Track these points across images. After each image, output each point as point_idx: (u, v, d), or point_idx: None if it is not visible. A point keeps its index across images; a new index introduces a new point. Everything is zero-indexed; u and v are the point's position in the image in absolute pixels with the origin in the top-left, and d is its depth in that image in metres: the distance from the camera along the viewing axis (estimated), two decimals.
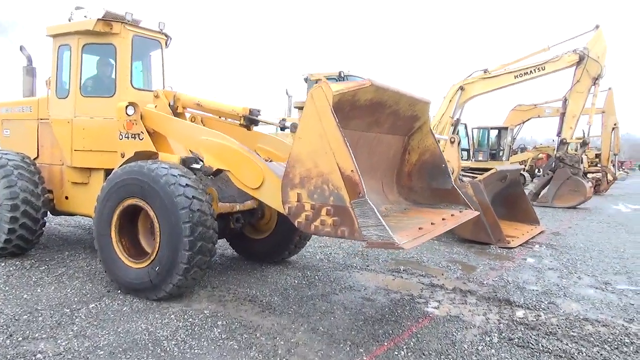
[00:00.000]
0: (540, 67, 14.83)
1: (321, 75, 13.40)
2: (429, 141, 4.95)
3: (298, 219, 3.71)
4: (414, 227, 3.94)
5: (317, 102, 3.49)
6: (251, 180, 4.45)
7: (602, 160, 21.31)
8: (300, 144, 3.64)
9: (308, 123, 3.58)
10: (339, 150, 3.42)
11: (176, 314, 4.38)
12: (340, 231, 3.51)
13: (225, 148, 4.71)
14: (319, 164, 3.55)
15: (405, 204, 5.07)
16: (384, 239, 3.30)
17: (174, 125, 5.38)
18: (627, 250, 8.15)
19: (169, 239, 4.43)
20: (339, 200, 3.48)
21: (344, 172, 3.42)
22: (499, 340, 4.04)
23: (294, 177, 3.68)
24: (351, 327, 4.26)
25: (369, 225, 3.36)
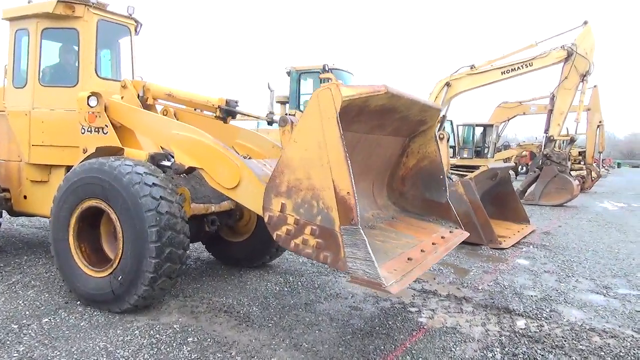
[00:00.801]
0: (528, 63, 14.54)
1: (304, 69, 12.95)
2: (431, 148, 4.50)
3: (277, 231, 3.26)
4: (402, 256, 3.52)
5: (322, 105, 2.99)
6: (227, 180, 3.98)
7: (586, 157, 21.22)
8: (293, 149, 3.16)
9: (307, 127, 3.09)
10: (338, 166, 2.96)
11: (141, 329, 3.89)
12: (323, 256, 3.07)
13: (198, 144, 4.22)
14: (312, 176, 3.09)
15: (394, 210, 4.65)
16: (370, 277, 2.87)
17: (141, 118, 4.87)
18: (621, 251, 7.86)
19: (134, 245, 3.93)
20: (328, 222, 3.04)
21: (338, 192, 2.97)
22: (503, 357, 3.64)
23: (280, 184, 3.23)
24: (338, 342, 3.81)
25: (356, 257, 2.92)
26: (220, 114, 5.04)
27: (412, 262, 3.44)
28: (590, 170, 20.42)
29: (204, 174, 4.17)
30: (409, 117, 4.11)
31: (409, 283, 3.23)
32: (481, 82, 15.75)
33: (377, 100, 3.36)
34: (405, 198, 4.74)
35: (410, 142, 4.54)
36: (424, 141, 4.49)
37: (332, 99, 2.95)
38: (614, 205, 15.96)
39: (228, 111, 5.03)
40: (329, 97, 2.96)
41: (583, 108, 15.66)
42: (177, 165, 4.37)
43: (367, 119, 3.64)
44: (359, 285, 2.99)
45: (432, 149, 4.47)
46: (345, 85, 3.02)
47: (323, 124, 2.98)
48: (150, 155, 4.59)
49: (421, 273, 3.53)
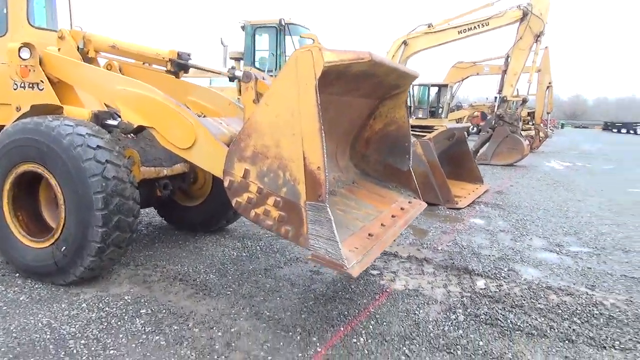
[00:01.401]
0: (484, 23, 14.57)
1: (260, 23, 12.39)
2: (400, 113, 4.31)
3: (238, 197, 3.04)
4: (363, 231, 3.41)
5: (300, 69, 2.70)
6: (180, 139, 3.67)
7: (535, 118, 21.85)
8: (264, 112, 2.89)
9: (281, 91, 2.82)
10: (311, 137, 2.73)
11: (89, 302, 3.63)
12: (284, 230, 2.90)
13: (148, 100, 3.86)
14: (281, 144, 2.85)
15: (354, 173, 4.51)
16: (332, 257, 2.73)
17: (82, 72, 4.41)
18: (570, 209, 8.14)
19: (77, 213, 3.61)
20: (293, 195, 2.84)
21: (308, 166, 2.75)
22: (465, 318, 3.64)
23: (245, 148, 2.98)
24: (300, 308, 3.70)
25: (319, 235, 2.77)
26: (172, 68, 4.64)
27: (373, 239, 3.35)
28: (539, 130, 21.07)
29: (155, 133, 3.84)
30: (384, 82, 3.93)
31: (369, 264, 3.12)
32: (438, 41, 15.70)
33: (359, 67, 3.13)
34: (367, 161, 4.59)
35: (380, 104, 4.34)
36: (393, 105, 4.31)
37: (312, 63, 2.67)
38: (560, 164, 16.60)
39: (180, 64, 4.64)
40: (309, 62, 2.68)
41: (535, 69, 15.92)
42: (125, 124, 4.00)
43: (344, 83, 3.43)
44: (318, 263, 2.85)
45: (401, 114, 4.31)
46: (328, 49, 2.73)
47: (299, 90, 2.73)
48: (94, 113, 4.19)
49: (381, 251, 3.44)
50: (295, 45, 12.35)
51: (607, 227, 6.88)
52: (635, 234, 6.53)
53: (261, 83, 3.67)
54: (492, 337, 3.36)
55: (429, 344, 3.24)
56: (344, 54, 2.87)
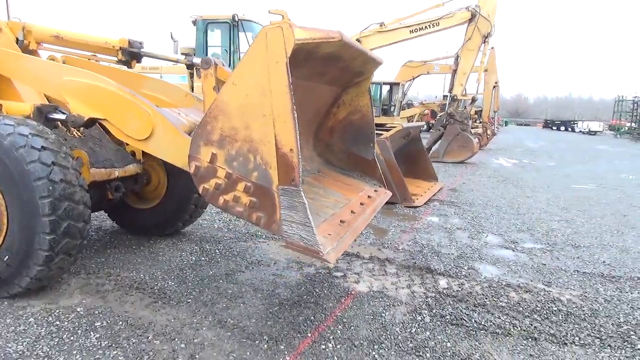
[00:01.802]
0: (435, 23, 14.84)
1: (211, 18, 12.06)
2: (363, 101, 4.25)
3: (205, 184, 2.87)
4: (334, 217, 3.33)
5: (271, 46, 2.55)
6: (136, 130, 3.44)
7: (483, 116, 22.56)
8: (231, 92, 2.72)
9: (250, 69, 2.65)
10: (283, 118, 2.59)
11: (37, 316, 3.36)
12: (256, 217, 2.76)
13: (99, 90, 3.60)
14: (250, 126, 2.70)
15: (318, 163, 4.43)
16: (308, 243, 2.63)
17: (21, 64, 4.07)
18: (521, 206, 8.41)
19: (22, 219, 3.32)
20: (264, 179, 2.71)
21: (280, 148, 2.62)
22: (432, 319, 3.64)
23: (212, 131, 2.81)
24: (266, 315, 3.58)
25: (293, 220, 2.65)
26: (123, 57, 4.38)
27: (345, 225, 3.26)
28: (486, 128, 21.76)
29: (108, 125, 3.59)
30: (349, 67, 3.84)
31: (344, 250, 3.03)
32: (390, 40, 15.85)
33: (327, 47, 3.03)
34: (331, 150, 4.51)
35: (343, 92, 4.26)
36: (357, 93, 4.23)
37: (283, 40, 2.53)
38: (507, 161, 17.20)
39: (132, 53, 4.38)
40: (279, 38, 2.53)
41: (483, 69, 16.40)
42: (74, 117, 3.69)
43: (311, 66, 3.30)
44: (294, 251, 2.73)
45: (364, 102, 4.25)
46: (298, 26, 2.60)
47: (270, 68, 2.57)
48: (36, 107, 3.88)
49: (354, 238, 3.36)
50: (249, 42, 12.12)
51: (556, 223, 7.14)
52: (583, 229, 6.81)
53: (221, 69, 3.49)
54: (459, 338, 3.37)
55: (398, 347, 3.21)
56: (314, 31, 2.74)
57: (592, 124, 59.87)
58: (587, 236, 6.42)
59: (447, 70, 21.66)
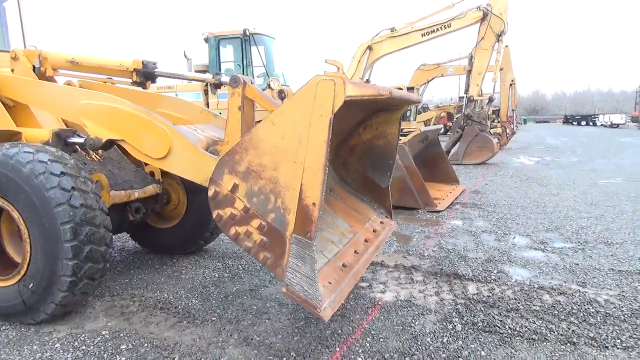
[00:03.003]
0: (447, 25, 14.76)
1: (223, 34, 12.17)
2: (391, 129, 4.15)
3: (220, 210, 2.84)
4: (337, 259, 3.29)
5: (319, 98, 2.47)
6: (154, 149, 3.42)
7: (501, 115, 22.25)
8: (268, 130, 2.68)
9: (293, 113, 2.59)
10: (314, 171, 2.55)
11: (63, 341, 3.35)
12: (263, 256, 2.74)
13: (116, 111, 3.60)
14: (279, 168, 2.66)
15: (332, 179, 4.36)
16: (308, 297, 2.59)
17: (39, 90, 4.11)
18: (547, 205, 8.20)
19: (44, 246, 3.33)
20: (280, 224, 2.67)
21: (303, 199, 2.58)
22: (463, 327, 3.52)
23: (239, 162, 2.78)
24: (292, 330, 3.51)
25: (299, 270, 2.62)
26: (138, 79, 4.40)
27: (346, 270, 3.22)
28: (505, 127, 21.45)
29: (126, 146, 3.59)
30: (387, 103, 3.81)
31: (341, 302, 2.99)
32: (402, 44, 15.81)
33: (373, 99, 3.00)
34: (347, 169, 4.45)
35: (374, 115, 4.17)
36: (386, 119, 4.14)
37: (333, 95, 2.45)
38: (529, 160, 16.88)
39: (147, 74, 4.39)
40: (330, 92, 2.45)
41: (499, 67, 16.19)
42: (93, 140, 3.69)
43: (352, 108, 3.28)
44: (292, 299, 2.69)
45: (392, 130, 4.15)
46: (351, 82, 2.53)
47: (313, 119, 2.52)
48: (55, 132, 3.91)
49: (354, 285, 3.31)
50: (261, 55, 12.19)
51: (586, 220, 6.93)
52: (614, 225, 6.59)
53: (250, 88, 3.45)
54: (493, 346, 3.24)
55: (430, 358, 3.09)
56: (365, 89, 2.71)
57: (613, 117, 58.70)
58: (619, 232, 6.20)
59: (461, 71, 21.45)
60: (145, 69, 4.37)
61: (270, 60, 12.90)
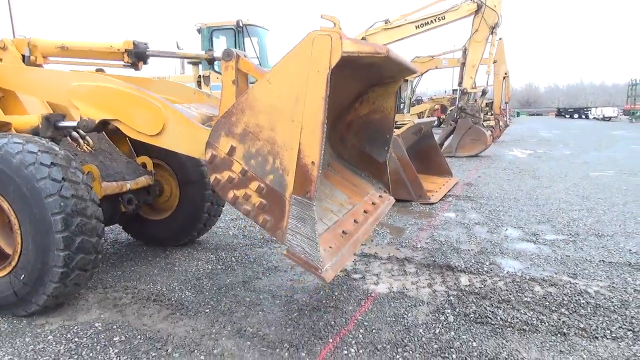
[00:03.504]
0: (441, 17, 14.69)
1: (216, 25, 12.08)
2: (388, 102, 4.14)
3: (218, 174, 2.80)
4: (337, 226, 3.28)
5: (315, 53, 2.45)
6: (148, 126, 3.37)
7: (494, 108, 22.29)
8: (264, 90, 2.63)
9: (289, 72, 2.55)
10: (312, 129, 2.52)
11: (55, 333, 3.34)
12: (263, 219, 2.72)
13: (107, 91, 3.55)
14: (276, 128, 2.63)
15: (330, 155, 4.31)
16: (309, 258, 2.59)
17: (28, 76, 4.03)
18: (539, 197, 8.24)
19: (35, 237, 3.30)
20: (279, 185, 2.65)
21: (302, 158, 2.56)
22: (455, 318, 3.54)
23: (236, 124, 2.73)
24: (285, 322, 3.52)
25: (299, 232, 2.61)
26: (130, 59, 4.35)
27: (347, 237, 3.22)
28: (498, 120, 21.50)
29: (121, 125, 3.53)
30: (382, 72, 3.78)
31: (342, 267, 2.98)
32: (396, 36, 15.72)
33: (371, 59, 2.96)
34: (345, 144, 4.41)
35: (369, 89, 4.14)
36: (383, 93, 4.11)
37: (329, 50, 2.41)
38: (522, 152, 16.95)
39: (138, 54, 4.34)
40: (326, 48, 2.41)
41: (492, 60, 16.19)
42: (86, 122, 3.61)
43: (348, 71, 3.21)
44: (293, 261, 2.69)
45: (389, 103, 4.14)
46: (348, 38, 2.49)
47: (310, 75, 2.48)
48: (44, 117, 3.87)
49: (353, 251, 3.31)
50: (254, 47, 12.11)
51: (577, 212, 6.98)
52: (605, 217, 6.64)
53: (243, 61, 3.41)
54: (485, 337, 3.27)
55: (422, 349, 3.11)
56: (362, 45, 2.65)
57: (606, 110, 59.01)
58: (610, 224, 6.25)
59: (455, 64, 21.43)
60: (137, 49, 4.31)
61: (264, 51, 12.83)
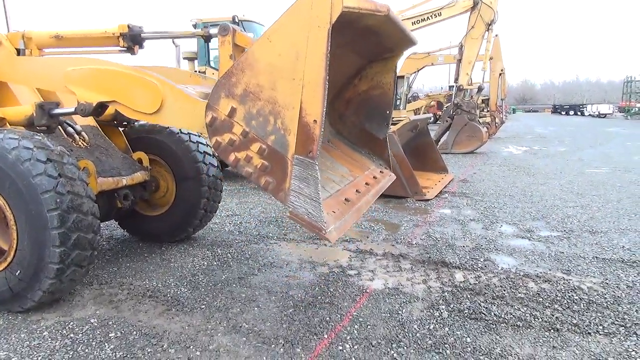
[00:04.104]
0: (437, 13, 14.72)
1: (212, 21, 12.01)
2: (387, 78, 4.11)
3: (218, 137, 2.76)
4: (340, 194, 3.25)
5: (315, 8, 2.40)
6: (146, 104, 3.33)
7: (490, 105, 22.32)
8: (263, 48, 2.57)
9: (289, 29, 2.50)
10: (313, 87, 2.47)
11: (51, 329, 3.34)
12: (265, 181, 2.68)
13: (103, 72, 3.53)
14: (277, 87, 2.58)
15: (329, 132, 4.29)
16: (313, 219, 2.56)
17: (22, 65, 4.03)
18: (534, 194, 8.28)
19: (31, 233, 3.30)
20: (281, 145, 2.61)
21: (304, 117, 2.51)
22: (449, 314, 3.57)
23: (236, 84, 2.68)
24: (280, 318, 3.53)
25: (302, 192, 2.57)
26: (125, 44, 4.32)
27: (349, 205, 3.19)
28: (494, 117, 21.53)
29: (119, 106, 3.50)
30: (382, 43, 3.71)
31: (346, 230, 2.95)
32: None
33: (370, 20, 2.91)
34: (344, 122, 4.38)
35: (368, 65, 4.11)
36: (382, 69, 4.08)
37: (330, 4, 2.37)
38: (517, 149, 17.00)
39: (133, 37, 4.31)
40: (327, 2, 2.38)
41: (488, 57, 16.22)
42: (84, 106, 3.59)
43: (347, 36, 3.16)
44: (297, 223, 2.64)
45: (388, 79, 4.11)
46: None
47: (310, 31, 2.43)
48: (38, 105, 3.86)
49: (357, 218, 3.28)
50: None
51: (572, 209, 7.02)
52: (599, 214, 6.69)
53: (240, 35, 3.37)
54: (479, 332, 3.30)
55: (417, 345, 3.14)
56: (363, 1, 2.60)
57: (601, 107, 59.21)
58: (604, 221, 6.30)
59: (451, 60, 21.41)
60: (132, 32, 4.28)
61: None
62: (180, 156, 5.00)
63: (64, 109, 3.94)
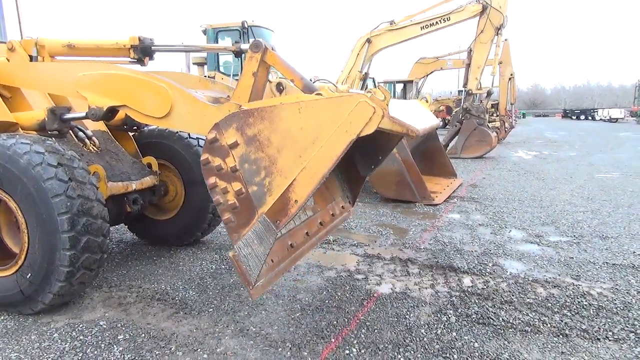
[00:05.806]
0: (446, 18, 14.69)
1: (221, 26, 12.13)
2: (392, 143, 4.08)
3: (211, 156, 2.76)
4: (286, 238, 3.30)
5: (353, 116, 2.48)
6: (156, 108, 3.36)
7: (500, 109, 22.22)
8: (291, 115, 2.62)
9: (321, 114, 2.55)
10: (311, 175, 2.57)
11: (61, 331, 3.38)
12: (228, 217, 2.72)
13: (113, 77, 3.57)
14: (283, 153, 2.65)
15: None
16: (248, 272, 2.67)
17: (35, 71, 4.07)
18: (544, 199, 8.23)
19: (42, 237, 3.35)
20: (258, 199, 2.68)
21: (289, 192, 2.60)
22: (457, 319, 3.56)
23: (251, 125, 2.69)
24: (288, 321, 3.54)
25: (252, 246, 2.67)
26: (136, 55, 4.38)
27: (291, 251, 3.26)
28: (504, 121, 21.43)
29: (129, 111, 3.55)
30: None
31: (270, 285, 3.06)
32: (401, 37, 15.74)
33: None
34: None
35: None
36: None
37: (366, 121, 2.45)
38: (527, 153, 16.90)
39: (144, 49, 4.36)
40: (365, 118, 2.45)
41: (498, 61, 16.16)
42: (95, 110, 3.64)
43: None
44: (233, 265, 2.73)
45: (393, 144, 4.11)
46: (389, 116, 2.51)
47: (338, 131, 2.50)
48: (50, 110, 3.92)
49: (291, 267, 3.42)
50: None
51: (582, 214, 6.97)
52: (609, 219, 6.63)
53: (271, 54, 3.39)
54: (487, 337, 3.28)
55: (424, 349, 3.13)
56: (397, 125, 2.63)
57: (612, 111, 58.68)
58: (614, 226, 6.24)
59: (460, 65, 21.39)
60: (143, 44, 4.33)
61: None
62: (189, 161, 5.05)
63: (75, 114, 4.01)
